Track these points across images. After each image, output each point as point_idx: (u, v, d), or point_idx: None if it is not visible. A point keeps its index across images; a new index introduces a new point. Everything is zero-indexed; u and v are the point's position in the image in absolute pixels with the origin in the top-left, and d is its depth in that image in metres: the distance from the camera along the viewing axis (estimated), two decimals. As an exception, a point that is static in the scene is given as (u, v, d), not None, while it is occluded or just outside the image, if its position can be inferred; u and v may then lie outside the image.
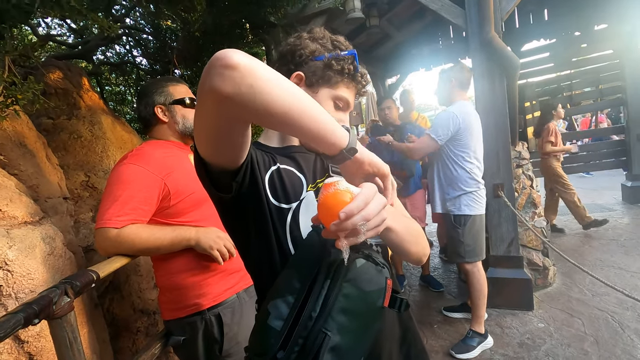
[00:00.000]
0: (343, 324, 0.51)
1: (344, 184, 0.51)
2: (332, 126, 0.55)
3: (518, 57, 2.63)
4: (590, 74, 5.58)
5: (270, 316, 0.53)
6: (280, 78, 0.50)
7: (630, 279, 2.93)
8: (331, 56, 0.72)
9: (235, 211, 0.66)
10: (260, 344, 0.54)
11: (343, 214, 0.46)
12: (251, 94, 0.47)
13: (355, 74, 0.74)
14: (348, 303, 0.52)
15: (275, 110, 0.49)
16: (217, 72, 0.46)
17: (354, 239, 0.49)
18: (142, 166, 1.17)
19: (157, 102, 1.32)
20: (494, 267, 2.74)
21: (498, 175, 2.70)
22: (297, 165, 0.73)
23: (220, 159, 0.58)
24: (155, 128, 1.35)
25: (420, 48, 5.24)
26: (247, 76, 0.46)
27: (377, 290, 0.55)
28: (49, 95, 2.01)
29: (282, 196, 0.67)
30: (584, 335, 2.26)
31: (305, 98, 0.52)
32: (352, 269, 0.53)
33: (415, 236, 0.70)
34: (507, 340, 2.33)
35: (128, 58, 3.86)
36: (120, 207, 1.11)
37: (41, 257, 1.15)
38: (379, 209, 0.50)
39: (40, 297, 0.78)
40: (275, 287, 0.57)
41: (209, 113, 0.51)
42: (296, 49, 0.74)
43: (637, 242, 3.67)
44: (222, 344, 1.22)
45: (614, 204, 5.34)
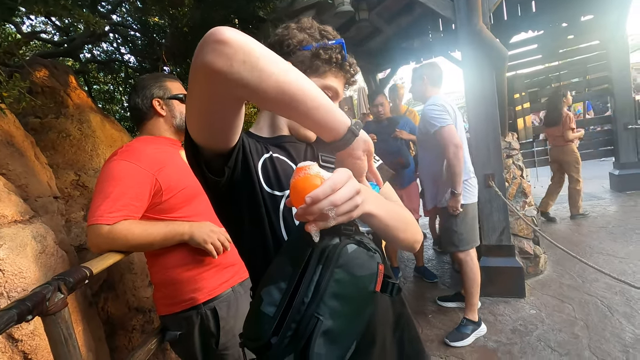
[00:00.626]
0: (335, 309, 0.52)
1: (315, 169, 0.51)
2: (332, 108, 0.55)
3: (507, 48, 2.65)
4: (578, 65, 5.65)
5: (264, 302, 0.53)
6: (274, 56, 0.50)
7: (619, 264, 3.00)
8: (319, 45, 0.72)
9: (228, 198, 0.66)
10: (254, 329, 0.54)
11: (309, 198, 0.47)
12: (244, 69, 0.46)
13: (343, 62, 0.74)
14: (340, 288, 0.52)
15: (268, 86, 0.48)
16: (210, 47, 0.46)
17: (324, 224, 0.49)
18: (133, 162, 1.16)
19: (155, 95, 1.31)
20: (486, 256, 2.78)
21: (489, 166, 2.73)
22: (289, 154, 0.73)
23: (212, 141, 0.58)
24: (149, 122, 1.34)
25: (410, 41, 5.25)
26: (240, 51, 0.46)
27: (369, 275, 0.55)
28: (35, 94, 1.98)
29: (275, 183, 0.67)
30: (575, 320, 2.32)
31: (301, 77, 0.52)
32: (343, 254, 0.53)
33: (403, 222, 0.70)
34: (500, 327, 2.37)
35: (116, 56, 3.82)
36: (112, 203, 1.10)
37: (33, 256, 1.14)
38: (349, 194, 0.50)
39: (33, 294, 0.78)
40: (268, 274, 0.58)
41: (201, 90, 0.50)
42: (284, 39, 0.73)
43: (624, 229, 3.75)
44: (219, 337, 1.22)
45: (603, 192, 5.44)
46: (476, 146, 2.73)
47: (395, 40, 5.13)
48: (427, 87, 2.42)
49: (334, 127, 0.57)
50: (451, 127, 2.24)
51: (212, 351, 1.25)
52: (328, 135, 0.58)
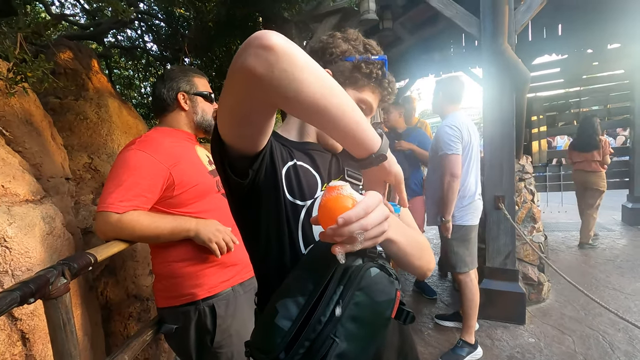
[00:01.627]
0: (351, 332, 0.51)
1: (348, 190, 0.50)
2: (364, 127, 0.54)
3: (529, 69, 2.62)
4: (600, 93, 5.56)
5: (278, 315, 0.52)
6: (316, 67, 0.49)
7: (624, 300, 2.92)
8: (361, 59, 0.71)
9: (248, 201, 0.65)
10: (265, 341, 0.53)
11: (341, 219, 0.46)
12: (284, 78, 0.45)
13: (382, 79, 0.73)
14: (358, 311, 0.52)
15: (305, 98, 0.48)
16: (253, 51, 0.45)
17: (351, 247, 0.48)
18: (149, 154, 1.17)
19: (181, 89, 1.32)
20: (489, 279, 2.74)
21: (500, 187, 2.69)
22: (314, 163, 0.72)
23: (240, 142, 0.57)
24: (170, 114, 1.35)
25: (431, 54, 5.22)
26: (283, 60, 0.45)
27: (387, 300, 0.54)
28: (58, 74, 2.01)
29: (297, 192, 0.66)
30: (574, 354, 2.26)
31: (340, 92, 0.51)
32: (365, 277, 0.52)
33: (419, 249, 0.69)
34: (496, 353, 2.33)
35: (139, 43, 3.87)
36: (124, 192, 1.11)
37: (40, 236, 1.15)
38: (379, 220, 0.49)
39: (37, 277, 0.78)
40: (286, 287, 0.57)
41: (238, 92, 0.50)
42: (328, 46, 0.73)
43: (633, 264, 3.67)
44: (214, 335, 1.22)
45: (613, 224, 5.33)
46: (490, 166, 2.70)
47: (416, 52, 5.11)
48: (444, 103, 2.39)
49: (362, 146, 0.56)
50: (457, 157, 2.22)
51: (207, 348, 1.24)
52: (356, 151, 0.57)
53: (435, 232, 4.06)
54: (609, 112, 5.66)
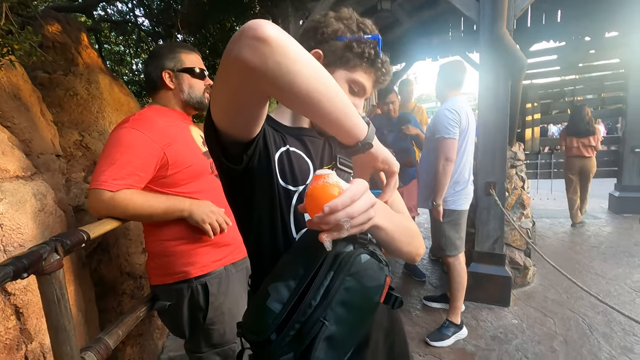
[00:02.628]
0: (341, 315, 0.53)
1: (334, 178, 0.51)
2: (352, 117, 0.55)
3: (526, 56, 2.61)
4: (594, 81, 5.58)
5: (270, 298, 0.53)
6: (309, 59, 0.49)
7: (605, 285, 3.03)
8: (353, 38, 0.69)
9: (242, 185, 0.65)
10: (256, 322, 0.55)
11: (327, 208, 0.46)
12: (277, 70, 0.45)
13: (375, 59, 0.71)
14: (348, 296, 0.53)
15: (298, 90, 0.48)
16: (247, 42, 0.44)
17: (337, 234, 0.49)
18: (143, 132, 1.16)
19: (165, 67, 1.29)
20: (477, 263, 2.81)
21: (492, 174, 2.72)
22: (306, 149, 0.72)
23: (234, 129, 0.57)
24: (160, 93, 1.33)
25: (429, 37, 5.16)
26: (277, 52, 0.45)
27: (377, 286, 0.56)
28: (46, 48, 1.95)
29: (290, 178, 0.67)
30: (554, 334, 2.36)
31: (331, 83, 0.52)
32: (356, 263, 0.53)
33: (408, 236, 0.69)
34: (480, 333, 2.42)
35: (130, 17, 3.74)
36: (117, 170, 1.10)
37: (31, 213, 1.15)
38: (365, 207, 0.50)
39: (30, 252, 0.79)
40: (278, 270, 0.58)
41: (231, 82, 0.50)
42: (319, 26, 0.72)
43: (616, 251, 3.78)
44: (207, 312, 1.25)
45: (600, 212, 5.46)
46: (482, 152, 2.72)
47: (414, 35, 5.04)
48: (444, 88, 2.39)
49: (350, 134, 0.56)
50: (453, 141, 2.23)
51: (199, 325, 1.27)
52: (344, 139, 0.57)
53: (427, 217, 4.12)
54: (602, 101, 5.70)
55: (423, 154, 2.58)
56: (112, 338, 1.06)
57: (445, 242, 2.36)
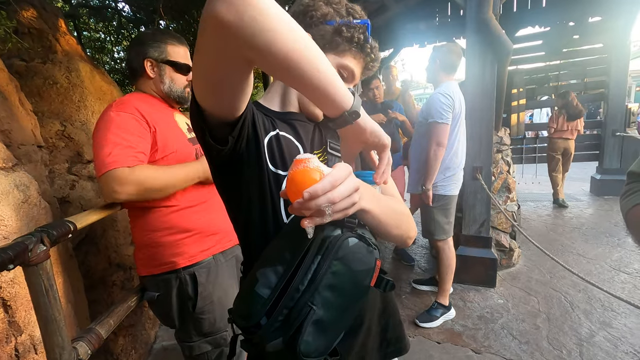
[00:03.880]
0: (328, 300, 0.52)
1: (314, 162, 0.50)
2: (336, 84, 0.53)
3: (512, 41, 2.62)
4: (578, 66, 5.66)
5: (259, 283, 0.54)
6: (288, 18, 0.47)
7: (587, 264, 3.15)
8: (342, 22, 0.68)
9: (230, 169, 0.64)
10: (246, 308, 0.55)
11: (307, 193, 0.46)
12: (254, 27, 0.43)
13: (364, 44, 0.71)
14: (336, 280, 0.52)
15: (278, 50, 0.46)
16: None
17: (320, 220, 0.48)
18: (130, 113, 1.14)
19: (148, 55, 1.26)
20: (464, 246, 2.87)
21: (478, 159, 2.77)
22: (296, 133, 0.71)
23: (217, 106, 0.55)
24: (140, 80, 1.30)
25: (416, 23, 5.13)
26: (253, 7, 0.43)
27: (366, 269, 0.55)
28: (21, 34, 1.87)
29: (279, 162, 0.66)
30: (538, 312, 2.45)
31: (312, 46, 0.50)
32: (343, 247, 0.53)
33: (397, 219, 0.69)
34: (468, 313, 2.49)
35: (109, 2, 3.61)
36: (123, 149, 1.07)
37: (14, 205, 1.12)
38: (348, 192, 0.49)
39: (15, 243, 0.77)
40: (266, 256, 0.58)
41: (209, 44, 0.48)
42: (308, 9, 0.70)
43: (597, 232, 3.92)
44: (196, 301, 1.24)
45: (582, 194, 5.62)
46: (469, 137, 2.75)
47: (401, 21, 4.99)
48: (439, 72, 2.36)
49: (335, 103, 0.54)
50: (446, 127, 2.23)
51: (189, 314, 1.27)
52: (329, 110, 0.56)
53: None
54: (585, 86, 5.80)
55: (414, 138, 2.59)
56: (103, 328, 1.06)
57: (435, 227, 2.40)
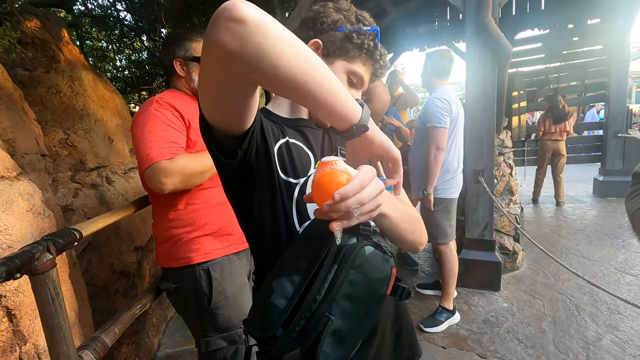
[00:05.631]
0: (346, 309, 0.52)
1: (341, 164, 0.49)
2: (344, 99, 0.53)
3: (511, 44, 2.63)
4: (578, 68, 5.67)
5: (275, 294, 0.53)
6: (292, 38, 0.47)
7: (591, 267, 3.13)
8: (353, 29, 0.69)
9: (241, 179, 0.63)
10: (262, 319, 0.54)
11: (338, 195, 0.45)
12: (258, 52, 0.43)
13: (374, 51, 0.71)
14: (353, 289, 0.52)
15: (283, 72, 0.45)
16: (224, 24, 0.42)
17: (347, 222, 0.47)
18: (169, 110, 1.20)
19: (176, 55, 1.32)
20: (467, 249, 2.86)
21: (480, 161, 2.76)
22: (306, 140, 0.71)
23: (223, 121, 0.55)
24: (174, 79, 1.37)
25: (415, 27, 5.16)
26: (256, 33, 0.42)
27: (382, 278, 0.55)
28: (25, 44, 1.90)
29: (290, 170, 0.65)
30: (543, 316, 2.43)
31: (318, 64, 0.49)
32: (360, 255, 0.52)
33: (412, 224, 0.69)
34: (472, 317, 2.47)
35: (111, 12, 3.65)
36: (161, 142, 1.13)
37: (19, 214, 1.13)
38: (375, 193, 0.49)
39: (22, 252, 0.77)
40: (282, 265, 0.57)
41: (213, 69, 0.47)
42: (319, 16, 0.71)
43: (601, 234, 3.89)
44: (211, 297, 1.28)
45: (585, 196, 5.59)
46: (470, 140, 2.76)
47: (400, 25, 5.03)
48: (432, 77, 2.40)
49: (343, 117, 0.54)
50: (444, 131, 2.25)
51: (205, 309, 1.30)
52: (337, 124, 0.56)
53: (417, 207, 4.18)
54: (585, 88, 5.80)
55: (413, 144, 2.59)
56: (108, 336, 1.06)
57: (437, 230, 2.40)
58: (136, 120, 1.22)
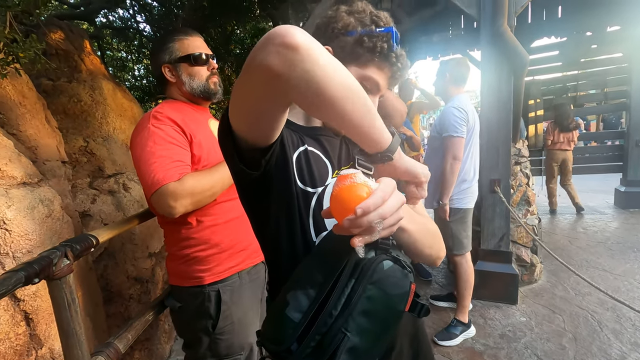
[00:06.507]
0: (363, 326, 0.50)
1: (361, 177, 0.47)
2: (375, 127, 0.52)
3: (528, 52, 2.60)
4: (597, 76, 5.55)
5: (289, 307, 0.52)
6: (337, 66, 0.47)
7: (614, 281, 3.01)
8: (363, 32, 0.65)
9: (259, 190, 0.62)
10: (276, 332, 0.53)
11: (360, 209, 0.43)
12: (305, 79, 0.44)
13: (388, 53, 0.66)
14: (370, 305, 0.50)
15: (325, 98, 0.46)
16: (275, 49, 0.42)
17: (368, 238, 0.46)
18: (169, 126, 1.13)
19: (163, 61, 1.24)
20: (483, 261, 2.79)
21: (496, 171, 2.71)
22: (323, 149, 0.69)
23: (253, 135, 0.55)
24: (167, 88, 1.30)
25: (429, 36, 5.14)
26: (307, 60, 0.43)
27: (401, 294, 0.53)
28: (49, 55, 1.97)
29: (308, 179, 0.64)
30: (563, 332, 2.34)
31: (358, 90, 0.49)
32: (378, 270, 0.51)
33: (430, 237, 0.68)
34: (489, 331, 2.40)
35: (131, 23, 3.77)
36: (166, 163, 1.06)
37: (39, 219, 1.16)
38: (396, 207, 0.47)
39: (40, 258, 0.79)
40: (297, 277, 0.56)
41: (255, 89, 0.48)
42: (330, 21, 0.68)
43: (623, 246, 3.75)
44: (217, 321, 1.22)
45: (606, 207, 5.42)
46: (486, 150, 2.71)
47: (414, 33, 5.03)
48: (449, 85, 2.38)
49: (372, 144, 0.54)
50: (461, 140, 2.22)
51: (207, 333, 1.24)
52: (365, 147, 0.56)
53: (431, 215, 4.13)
54: (605, 96, 5.67)
55: (428, 153, 2.57)
56: (121, 342, 1.07)
57: (453, 241, 2.35)
58: (135, 141, 1.14)
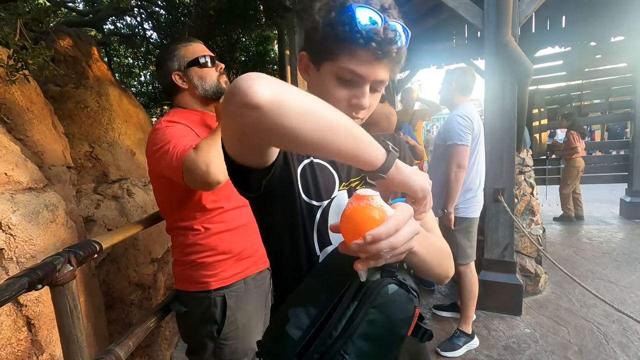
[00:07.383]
0: (362, 349, 0.49)
1: (378, 201, 0.45)
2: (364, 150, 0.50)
3: (532, 62, 2.60)
4: (602, 86, 5.54)
5: (290, 323, 0.51)
6: (309, 108, 0.44)
7: (620, 292, 2.96)
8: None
9: (263, 203, 0.62)
10: (275, 347, 0.53)
11: (370, 236, 0.41)
12: (275, 131, 0.43)
13: (353, 35, 0.54)
14: (372, 329, 0.49)
15: (302, 143, 0.45)
16: (239, 111, 0.41)
17: (373, 262, 0.45)
18: (182, 125, 1.16)
19: (172, 69, 1.27)
20: (487, 271, 2.76)
21: (500, 180, 2.70)
22: (331, 160, 0.66)
23: (247, 161, 0.54)
24: (177, 97, 1.31)
25: (433, 44, 5.18)
26: (272, 115, 0.41)
27: (404, 318, 0.52)
28: (57, 62, 1.99)
29: (313, 192, 0.62)
30: (569, 344, 2.30)
31: (336, 126, 0.47)
32: (382, 294, 0.50)
33: (439, 257, 0.66)
34: (492, 343, 2.37)
35: (138, 31, 3.82)
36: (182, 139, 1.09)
37: (44, 224, 1.16)
38: (408, 237, 0.45)
39: (44, 263, 0.79)
40: (299, 294, 0.55)
41: (234, 131, 0.48)
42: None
43: (629, 257, 3.70)
44: (222, 326, 1.23)
45: (611, 217, 5.36)
46: (490, 159, 2.70)
47: (418, 42, 5.07)
48: (455, 94, 2.37)
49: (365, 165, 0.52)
50: (466, 148, 2.22)
51: (212, 338, 1.25)
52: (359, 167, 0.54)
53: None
54: (610, 106, 5.65)
55: (432, 161, 2.56)
56: (122, 349, 1.06)
57: (457, 251, 2.33)
58: (152, 136, 1.18)
